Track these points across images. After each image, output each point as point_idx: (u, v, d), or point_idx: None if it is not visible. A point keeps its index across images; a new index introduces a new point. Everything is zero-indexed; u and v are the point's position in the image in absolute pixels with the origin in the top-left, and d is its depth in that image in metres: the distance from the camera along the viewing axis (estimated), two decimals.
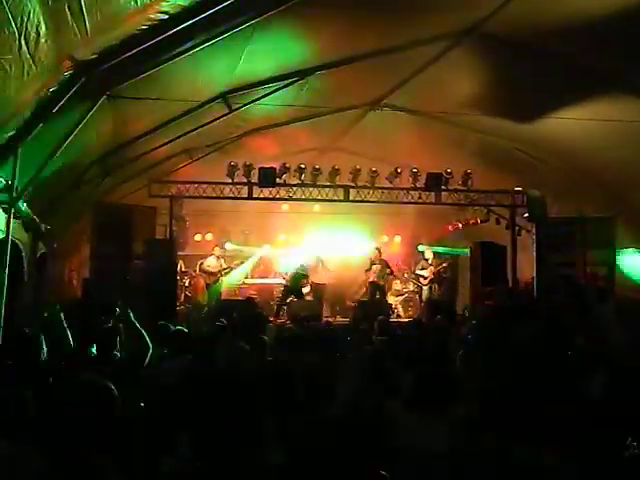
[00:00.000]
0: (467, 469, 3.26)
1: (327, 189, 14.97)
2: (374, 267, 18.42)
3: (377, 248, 18.61)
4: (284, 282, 18.53)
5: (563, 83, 9.59)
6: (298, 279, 18.40)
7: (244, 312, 13.67)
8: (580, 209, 14.11)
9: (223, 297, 17.96)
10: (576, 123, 10.29)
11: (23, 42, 5.57)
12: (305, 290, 19.33)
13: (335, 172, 14.36)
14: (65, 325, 6.26)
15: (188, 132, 11.11)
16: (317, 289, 18.89)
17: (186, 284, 18.61)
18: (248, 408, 4.74)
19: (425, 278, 19.26)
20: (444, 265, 19.69)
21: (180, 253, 16.56)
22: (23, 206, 8.86)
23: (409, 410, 5.05)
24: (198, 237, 19.43)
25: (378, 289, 18.45)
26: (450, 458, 3.38)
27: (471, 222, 17.70)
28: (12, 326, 7.72)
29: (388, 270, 18.72)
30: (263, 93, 10.38)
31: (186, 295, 18.49)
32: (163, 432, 4.93)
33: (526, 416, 3.34)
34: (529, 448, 3.24)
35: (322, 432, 2.76)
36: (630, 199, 12.32)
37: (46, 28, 5.65)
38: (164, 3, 6.28)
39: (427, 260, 19.42)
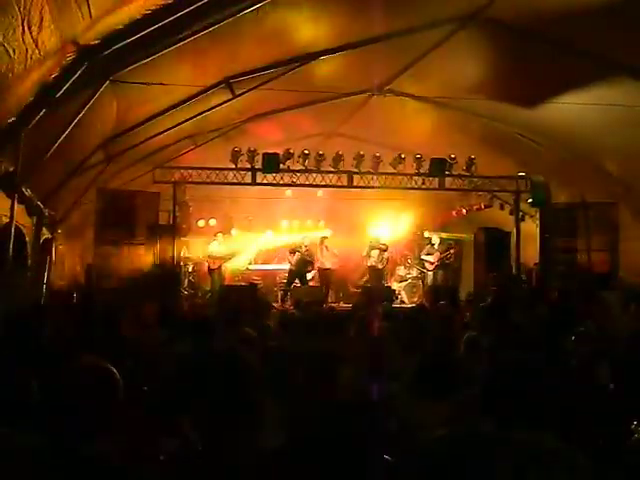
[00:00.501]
0: (468, 453, 3.27)
1: (331, 175, 14.95)
2: (373, 252, 18.54)
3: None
4: (289, 266, 18.59)
5: (566, 68, 9.56)
6: (303, 264, 18.46)
7: (247, 297, 13.76)
8: (583, 195, 14.09)
9: (226, 283, 18.01)
10: (580, 108, 10.26)
11: (26, 27, 5.58)
12: (309, 275, 19.40)
13: (339, 158, 14.34)
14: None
15: (192, 117, 11.12)
16: (323, 275, 18.96)
17: (189, 269, 18.67)
18: (248, 392, 4.77)
19: (432, 263, 19.27)
20: (451, 251, 19.69)
21: (183, 239, 16.59)
22: (27, 191, 8.88)
23: (411, 394, 5.08)
24: (202, 223, 19.45)
25: (377, 273, 18.56)
26: (451, 442, 3.39)
27: (475, 208, 17.69)
28: (14, 310, 7.75)
29: (386, 255, 18.84)
30: (267, 78, 10.37)
31: (189, 280, 18.54)
32: (165, 415, 4.97)
33: (529, 401, 3.34)
34: (531, 433, 3.25)
35: (323, 416, 2.78)
36: (633, 184, 12.30)
37: (50, 13, 5.65)
38: None
39: (433, 245, 19.43)
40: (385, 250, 19.00)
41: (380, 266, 18.90)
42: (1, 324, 6.97)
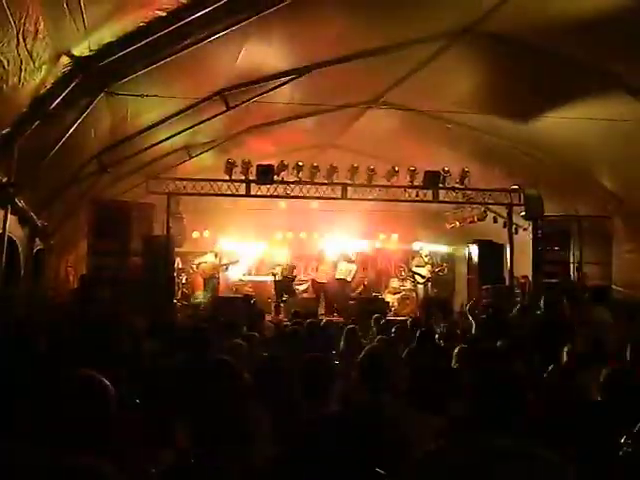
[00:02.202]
0: (464, 464, 3.26)
1: (325, 187, 14.93)
2: (341, 265, 18.87)
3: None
4: (273, 279, 18.73)
5: (559, 82, 9.61)
6: (285, 277, 18.62)
7: (241, 309, 13.76)
8: (576, 208, 14.13)
9: (220, 294, 18.00)
10: (572, 122, 10.29)
11: (21, 39, 5.57)
12: (302, 287, 19.47)
13: (333, 170, 14.35)
14: None
15: (186, 129, 11.12)
16: (317, 287, 19.07)
17: (183, 281, 18.67)
18: (242, 402, 4.77)
19: (423, 277, 19.30)
20: (444, 264, 19.74)
21: (177, 250, 16.56)
22: (20, 202, 8.85)
23: (407, 406, 5.07)
24: (196, 234, 19.43)
25: (344, 286, 18.96)
26: (447, 453, 3.38)
27: (468, 220, 17.73)
28: (8, 322, 7.71)
29: (354, 267, 19.16)
30: (261, 91, 10.38)
31: (183, 292, 18.53)
32: (161, 426, 4.95)
33: (520, 413, 3.34)
34: (525, 446, 3.24)
35: (318, 428, 2.76)
36: (627, 198, 12.33)
37: (44, 25, 5.65)
38: (161, 0, 6.30)
39: (424, 258, 19.47)
40: (352, 262, 19.22)
41: (349, 279, 19.04)
42: None
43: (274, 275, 18.87)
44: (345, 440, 2.75)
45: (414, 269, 19.69)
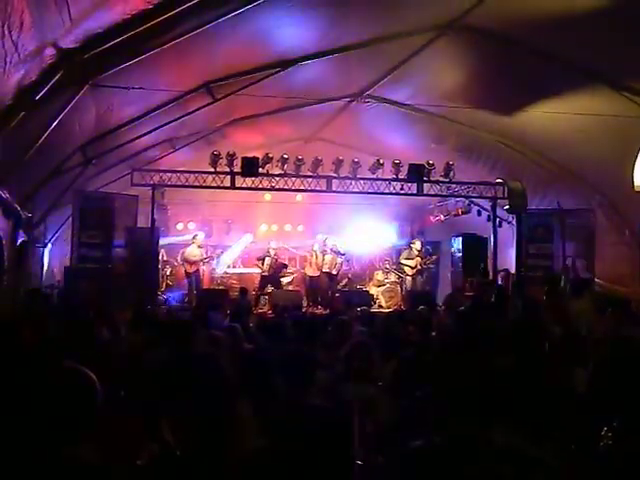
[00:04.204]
0: (448, 455, 3.32)
1: (310, 179, 14.95)
2: (327, 257, 18.69)
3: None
4: (260, 272, 18.68)
5: (543, 77, 9.67)
6: (276, 268, 18.58)
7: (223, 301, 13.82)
8: (560, 201, 14.23)
9: (204, 286, 18.01)
10: (557, 117, 10.38)
11: (6, 31, 5.57)
12: (286, 280, 19.48)
13: (318, 162, 14.34)
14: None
15: (171, 121, 11.11)
16: (303, 280, 19.17)
17: (167, 273, 18.64)
18: (226, 394, 4.81)
19: (412, 268, 19.31)
20: (432, 257, 19.78)
21: (162, 242, 16.55)
22: (4, 194, 8.84)
23: (389, 396, 5.13)
24: (180, 226, 19.43)
25: (330, 278, 18.82)
26: (432, 443, 3.43)
27: (453, 214, 17.77)
28: None
29: (340, 260, 19.02)
30: (247, 83, 10.38)
31: (167, 284, 18.51)
32: (146, 419, 4.98)
33: (503, 405, 3.40)
34: (506, 436, 3.30)
35: (301, 418, 2.80)
36: (609, 192, 12.43)
37: (30, 16, 5.64)
38: None
39: (414, 251, 19.47)
40: (342, 255, 19.13)
41: (334, 272, 18.98)
42: None
43: (261, 267, 18.84)
44: (328, 430, 2.80)
45: (403, 261, 19.70)
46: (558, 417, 4.36)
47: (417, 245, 19.53)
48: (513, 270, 15.28)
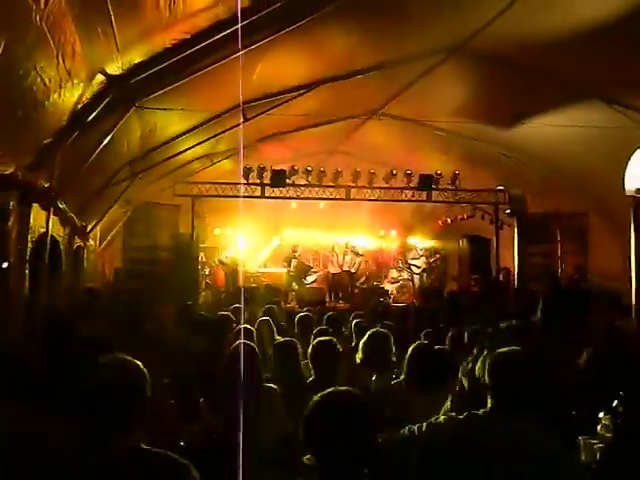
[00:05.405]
0: (463, 439, 3.22)
1: (331, 189, 15.11)
2: (347, 257, 18.76)
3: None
4: (288, 271, 18.71)
5: (541, 93, 9.55)
6: (302, 269, 18.60)
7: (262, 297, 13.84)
8: (557, 205, 14.08)
9: (239, 284, 18.05)
10: (553, 128, 10.28)
11: (60, 59, 5.55)
12: (311, 278, 19.49)
13: (338, 174, 14.55)
14: None
15: (208, 139, 11.12)
16: (326, 278, 19.19)
17: (207, 273, 18.71)
18: (258, 380, 4.79)
19: (418, 267, 19.29)
20: (437, 256, 19.71)
21: (201, 245, 16.62)
22: (61, 205, 8.86)
23: (407, 385, 5.04)
24: (217, 231, 19.48)
25: (350, 276, 18.75)
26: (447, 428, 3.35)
27: (459, 218, 17.70)
28: (51, 311, 7.74)
29: (359, 260, 19.04)
30: (275, 104, 10.37)
31: (207, 283, 18.57)
32: (188, 402, 4.94)
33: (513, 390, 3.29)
34: (516, 421, 3.20)
35: (326, 404, 2.72)
36: (601, 197, 12.26)
37: (81, 46, 5.64)
38: (186, 24, 6.28)
39: (419, 251, 19.48)
40: (360, 255, 19.14)
41: (353, 270, 18.99)
42: (41, 324, 6.97)
43: (288, 268, 18.86)
44: (350, 416, 2.72)
45: (410, 261, 19.70)
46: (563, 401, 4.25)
47: (421, 246, 19.56)
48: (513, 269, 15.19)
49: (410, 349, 5.18)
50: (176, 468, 2.69)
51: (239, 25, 6.35)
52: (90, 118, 7.02)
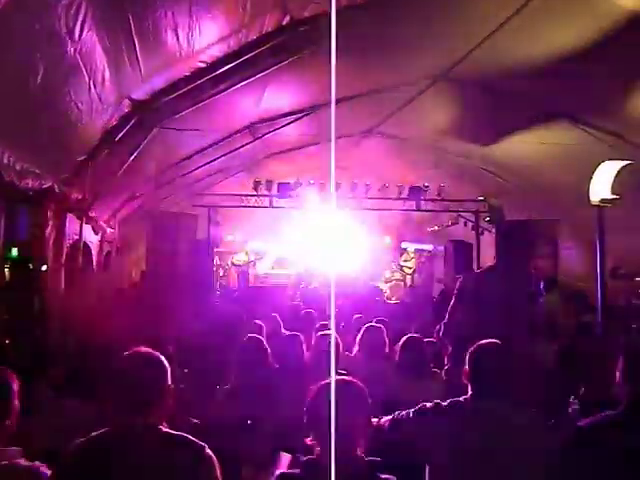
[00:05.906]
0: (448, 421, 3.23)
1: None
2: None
3: None
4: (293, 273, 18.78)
5: (516, 114, 9.58)
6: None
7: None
8: (531, 214, 14.10)
9: (250, 284, 18.09)
10: (528, 145, 10.34)
11: (92, 86, 5.60)
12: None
13: (337, 186, 14.52)
14: None
15: (222, 156, 11.18)
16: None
17: (220, 274, 18.74)
18: (266, 368, 4.82)
19: (410, 268, 19.30)
20: (422, 260, 19.74)
21: (216, 250, 16.66)
22: (93, 214, 8.90)
23: (397, 372, 5.05)
24: (230, 237, 19.50)
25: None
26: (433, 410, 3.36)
27: (444, 225, 17.75)
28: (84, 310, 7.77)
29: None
30: (280, 124, 10.41)
31: (220, 283, 18.60)
32: (205, 391, 4.96)
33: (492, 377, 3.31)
34: (497, 404, 3.20)
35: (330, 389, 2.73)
36: (570, 206, 12.26)
37: (110, 74, 5.68)
38: (203, 55, 6.33)
39: (409, 254, 19.54)
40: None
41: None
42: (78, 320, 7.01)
43: (292, 270, 18.86)
44: (350, 397, 2.74)
45: (402, 263, 19.71)
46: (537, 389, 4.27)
47: (411, 249, 19.61)
48: None
49: (402, 340, 5.21)
50: (193, 449, 2.72)
51: (248, 55, 6.41)
52: (118, 138, 7.08)
